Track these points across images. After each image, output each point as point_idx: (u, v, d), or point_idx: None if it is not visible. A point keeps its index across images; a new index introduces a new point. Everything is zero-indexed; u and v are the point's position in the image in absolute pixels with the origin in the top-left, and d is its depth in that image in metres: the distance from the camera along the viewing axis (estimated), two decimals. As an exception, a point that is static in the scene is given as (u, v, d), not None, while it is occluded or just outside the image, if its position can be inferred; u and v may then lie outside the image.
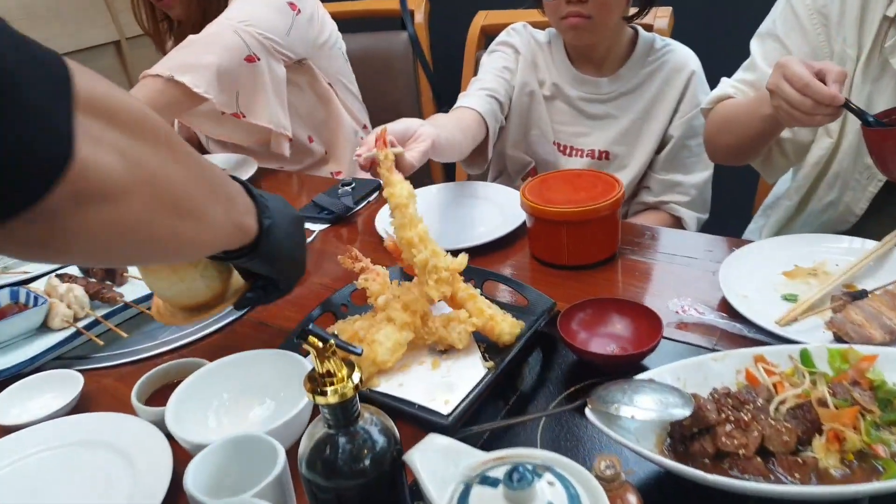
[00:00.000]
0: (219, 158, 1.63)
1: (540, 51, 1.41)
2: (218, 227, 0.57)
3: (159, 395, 0.80)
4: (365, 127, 1.76)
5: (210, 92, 1.34)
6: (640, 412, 0.60)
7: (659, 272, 1.00)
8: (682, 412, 0.59)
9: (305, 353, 0.66)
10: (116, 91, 0.44)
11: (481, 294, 0.87)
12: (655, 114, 1.34)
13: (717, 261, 0.96)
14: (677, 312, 0.88)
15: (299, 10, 1.51)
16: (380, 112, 1.86)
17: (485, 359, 0.82)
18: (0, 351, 0.89)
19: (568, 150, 1.42)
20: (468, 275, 0.91)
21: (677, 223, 1.36)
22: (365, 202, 1.35)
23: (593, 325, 0.84)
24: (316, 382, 0.49)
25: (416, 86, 2.02)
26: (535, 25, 1.45)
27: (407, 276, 0.96)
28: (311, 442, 0.51)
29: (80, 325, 0.93)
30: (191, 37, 1.39)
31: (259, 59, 1.43)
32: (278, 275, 0.74)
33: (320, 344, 0.49)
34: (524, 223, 1.11)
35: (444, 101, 2.02)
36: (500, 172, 1.56)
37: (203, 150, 1.76)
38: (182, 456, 0.67)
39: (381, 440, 0.51)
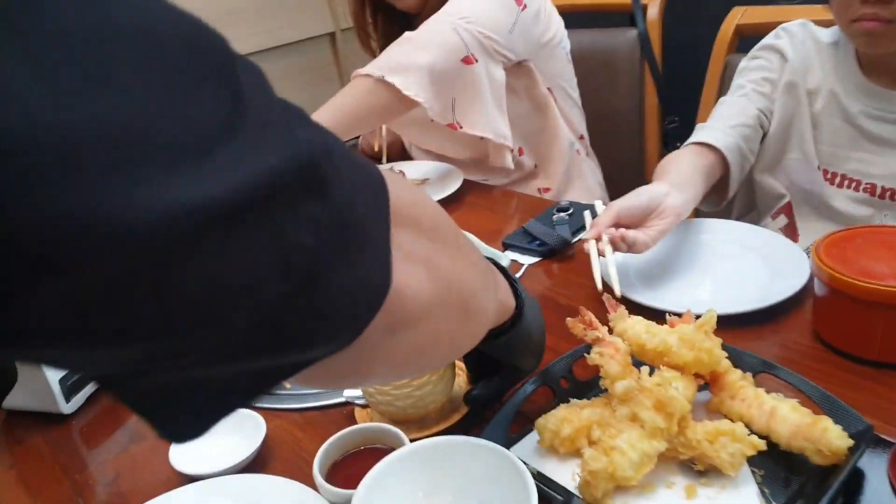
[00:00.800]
0: (425, 168, 1.51)
1: (819, 53, 1.11)
2: (492, 316, 0.54)
3: (345, 465, 0.67)
4: (582, 137, 1.56)
5: (421, 95, 1.22)
6: None
7: None
8: None
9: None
10: (412, 191, 0.40)
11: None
12: None
13: None
14: None
15: (525, 6, 1.34)
16: (596, 120, 1.64)
17: (764, 496, 0.59)
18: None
19: (838, 181, 1.10)
20: (733, 361, 0.69)
21: None
22: (582, 233, 1.15)
23: (939, 475, 0.57)
24: None
25: (640, 92, 1.77)
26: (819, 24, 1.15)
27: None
28: None
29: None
30: (408, 33, 1.27)
31: (477, 61, 1.27)
32: (520, 360, 0.68)
33: None
34: (805, 289, 0.85)
35: (672, 110, 1.76)
36: (748, 208, 1.28)
37: (405, 156, 1.66)
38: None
39: None
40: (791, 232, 1.19)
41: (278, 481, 0.66)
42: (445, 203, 1.32)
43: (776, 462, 0.62)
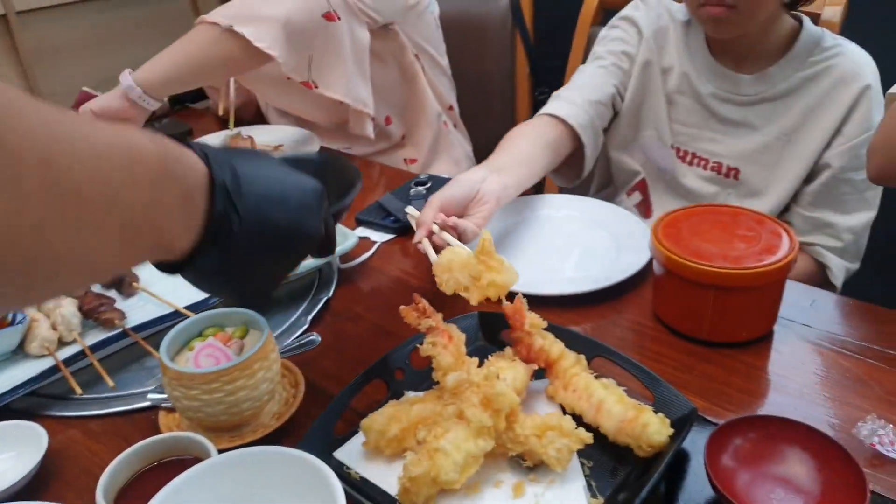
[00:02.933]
0: (278, 133, 1.40)
1: (674, 31, 1.11)
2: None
3: (141, 484, 0.58)
4: (451, 108, 1.50)
5: (275, 48, 1.10)
6: None
7: (835, 366, 0.71)
8: None
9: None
10: None
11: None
12: (808, 132, 1.03)
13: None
14: (873, 445, 0.60)
15: None
16: (467, 88, 1.59)
17: (591, 490, 0.57)
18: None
19: (689, 158, 1.12)
20: (570, 344, 0.66)
21: (820, 271, 1.06)
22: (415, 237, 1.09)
23: (756, 458, 0.57)
24: None
25: (511, 61, 1.74)
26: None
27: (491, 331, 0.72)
28: None
29: (63, 354, 0.73)
30: None
31: (340, 19, 1.18)
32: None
33: None
34: (646, 268, 0.84)
35: (542, 80, 1.74)
36: (604, 184, 1.28)
37: (260, 119, 1.54)
38: None
39: None
40: (645, 208, 1.20)
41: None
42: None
43: (604, 453, 0.60)
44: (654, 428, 0.57)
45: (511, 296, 0.68)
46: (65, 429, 0.68)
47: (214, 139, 1.31)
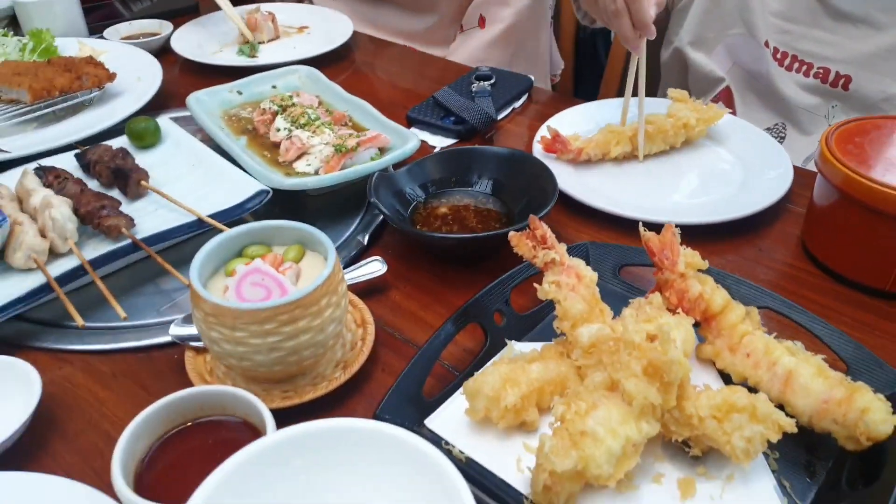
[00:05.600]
0: (302, 12, 1.18)
1: None
2: None
3: (166, 454, 0.43)
4: None
5: None
6: None
7: None
8: None
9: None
10: None
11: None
12: None
13: None
14: None
15: None
16: None
17: (786, 493, 0.42)
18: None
19: (788, 61, 0.92)
20: (731, 292, 0.50)
21: None
22: (509, 109, 0.91)
23: None
24: None
25: None
26: None
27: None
28: None
29: (55, 270, 0.55)
30: None
31: None
32: None
33: None
34: (787, 195, 0.67)
35: None
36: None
37: None
38: None
39: None
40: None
41: (52, 485, 0.41)
42: (329, 61, 1.02)
43: (792, 440, 0.44)
44: (876, 415, 0.41)
45: (654, 228, 0.51)
46: (61, 365, 0.52)
47: (231, 12, 1.09)
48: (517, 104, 0.91)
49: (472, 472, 0.43)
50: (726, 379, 0.49)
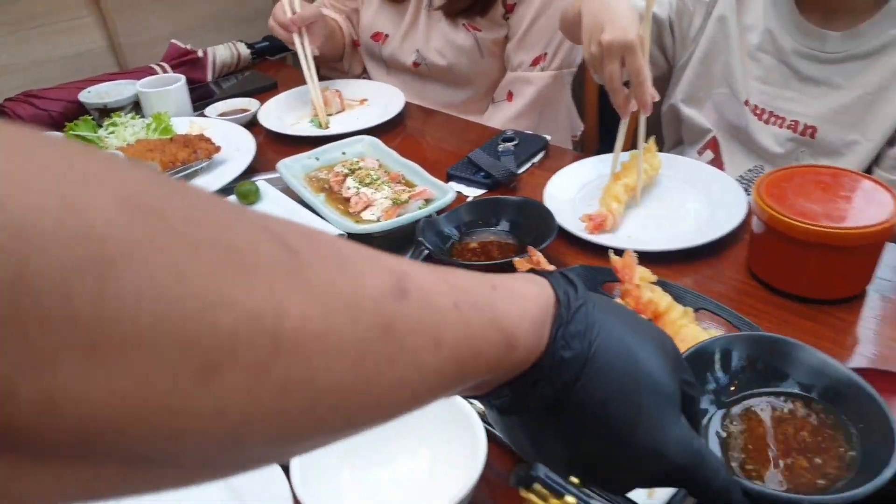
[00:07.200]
0: (362, 86, 1.44)
1: None
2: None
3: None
4: None
5: None
6: None
7: (933, 326, 0.74)
8: None
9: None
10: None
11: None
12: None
13: None
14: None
15: None
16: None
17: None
18: None
19: (766, 116, 1.11)
20: (676, 298, 0.70)
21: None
22: (528, 164, 1.13)
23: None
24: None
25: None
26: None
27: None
28: None
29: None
30: None
31: None
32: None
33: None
34: (741, 227, 0.87)
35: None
36: (675, 142, 1.29)
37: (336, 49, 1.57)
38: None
39: None
40: (717, 167, 1.20)
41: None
42: (385, 128, 1.27)
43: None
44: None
45: (619, 252, 0.72)
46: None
47: (316, 95, 1.34)
48: (535, 159, 1.14)
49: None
50: (671, 359, 0.68)
